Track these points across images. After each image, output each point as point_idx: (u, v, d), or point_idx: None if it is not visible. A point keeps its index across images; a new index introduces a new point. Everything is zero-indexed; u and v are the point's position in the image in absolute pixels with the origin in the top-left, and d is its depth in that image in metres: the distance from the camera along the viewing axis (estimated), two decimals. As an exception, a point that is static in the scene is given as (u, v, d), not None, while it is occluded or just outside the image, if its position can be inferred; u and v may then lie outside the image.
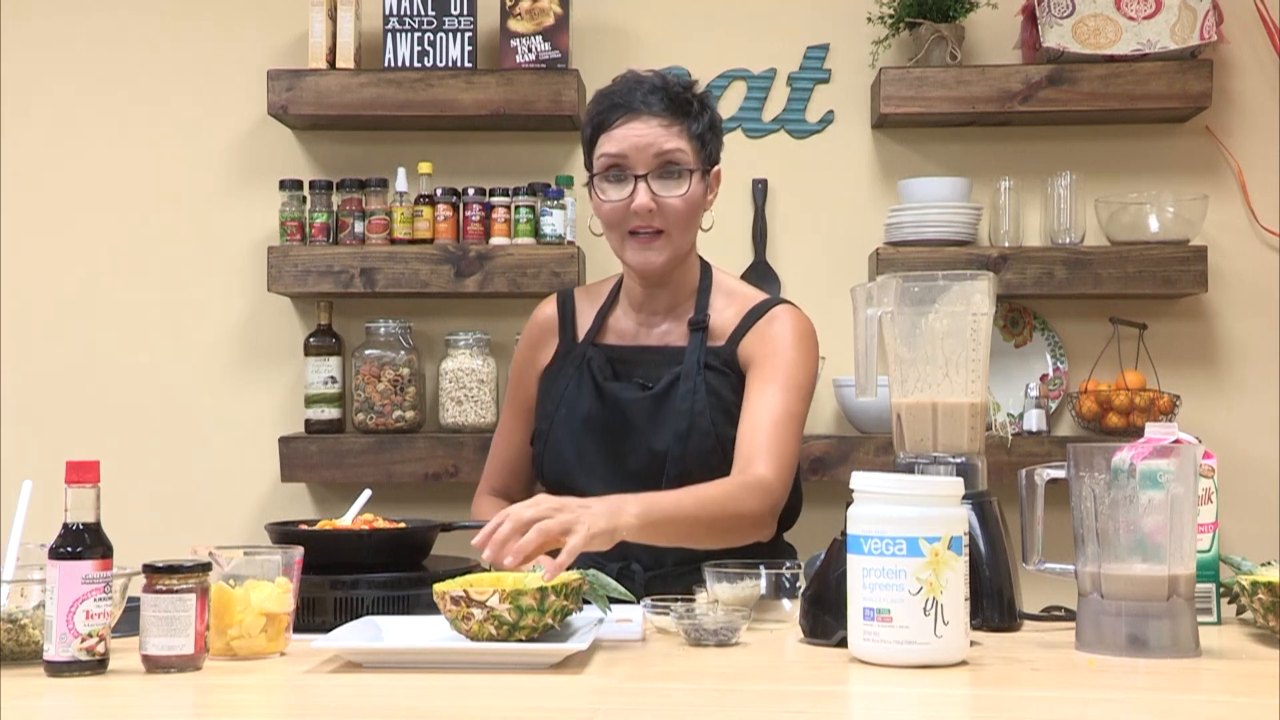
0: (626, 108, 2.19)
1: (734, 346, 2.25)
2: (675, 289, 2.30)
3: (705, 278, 2.32)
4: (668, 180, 2.19)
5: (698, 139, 2.22)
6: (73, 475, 1.61)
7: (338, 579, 1.88)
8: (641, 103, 2.19)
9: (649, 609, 1.86)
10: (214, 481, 3.37)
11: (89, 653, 1.58)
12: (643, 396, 2.24)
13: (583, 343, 2.33)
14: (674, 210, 2.20)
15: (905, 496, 1.62)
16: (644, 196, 2.18)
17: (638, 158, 2.18)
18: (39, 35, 3.41)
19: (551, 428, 2.28)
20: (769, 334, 2.25)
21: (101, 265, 3.40)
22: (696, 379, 2.21)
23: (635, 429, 2.22)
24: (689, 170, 2.20)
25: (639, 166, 2.18)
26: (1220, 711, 1.48)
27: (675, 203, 2.19)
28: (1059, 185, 3.21)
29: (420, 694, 1.52)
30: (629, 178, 2.19)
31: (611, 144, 2.19)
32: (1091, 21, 3.15)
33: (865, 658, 1.63)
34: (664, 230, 2.20)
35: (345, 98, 3.19)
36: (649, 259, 2.22)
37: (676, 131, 2.19)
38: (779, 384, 2.19)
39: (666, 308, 2.31)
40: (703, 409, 2.20)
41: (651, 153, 2.18)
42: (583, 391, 2.27)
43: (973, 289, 1.92)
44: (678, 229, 2.21)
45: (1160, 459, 1.69)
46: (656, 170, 2.19)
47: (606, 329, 2.34)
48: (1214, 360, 3.32)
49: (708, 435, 2.19)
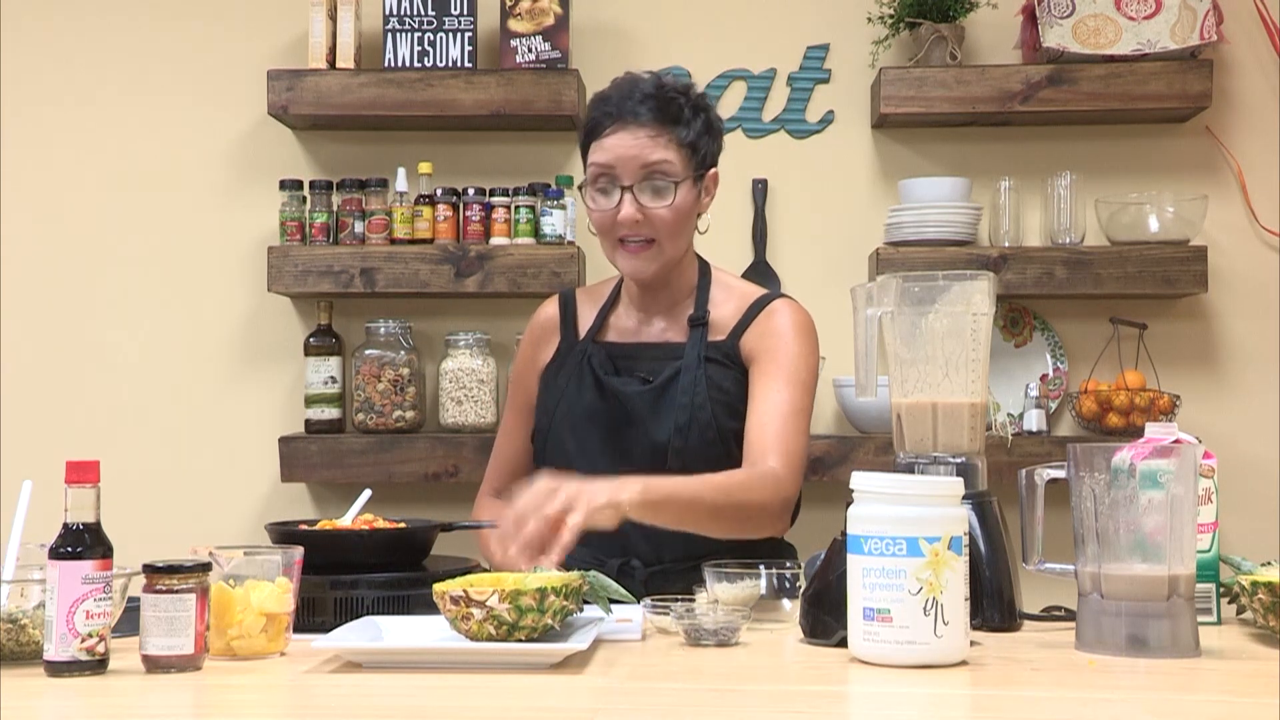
0: (616, 117, 2.20)
1: (735, 340, 2.26)
2: (673, 289, 2.31)
3: (704, 276, 2.33)
4: (654, 192, 2.20)
5: (688, 146, 2.22)
6: (73, 475, 1.61)
7: (338, 579, 1.88)
8: (630, 112, 2.19)
9: (649, 609, 1.86)
10: (214, 481, 3.37)
11: (89, 653, 1.58)
12: (644, 389, 2.24)
13: (584, 340, 2.34)
14: (661, 220, 2.20)
15: (905, 496, 1.62)
16: (629, 208, 2.19)
17: (624, 169, 2.19)
18: (39, 35, 3.41)
19: (552, 423, 2.28)
20: (771, 328, 2.25)
21: (101, 265, 3.40)
22: (697, 372, 2.22)
23: (636, 422, 2.23)
24: (675, 181, 2.20)
25: (625, 177, 2.19)
26: (1220, 711, 1.48)
27: (662, 213, 2.19)
28: (1059, 185, 3.21)
29: (420, 694, 1.52)
30: (616, 188, 2.20)
31: (600, 153, 2.20)
32: (1091, 21, 3.15)
33: (865, 658, 1.63)
34: (654, 239, 2.21)
35: (345, 98, 3.19)
36: (639, 268, 2.23)
37: (664, 141, 2.19)
38: (784, 379, 2.20)
39: (666, 306, 2.32)
40: (703, 402, 2.20)
41: (637, 164, 2.18)
42: (584, 387, 2.28)
43: (973, 289, 1.92)
44: (667, 238, 2.22)
45: (1160, 459, 1.69)
46: (643, 181, 2.19)
47: (608, 327, 2.35)
48: (1214, 360, 3.32)
49: (709, 427, 2.20)
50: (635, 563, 2.21)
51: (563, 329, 2.38)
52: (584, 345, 2.32)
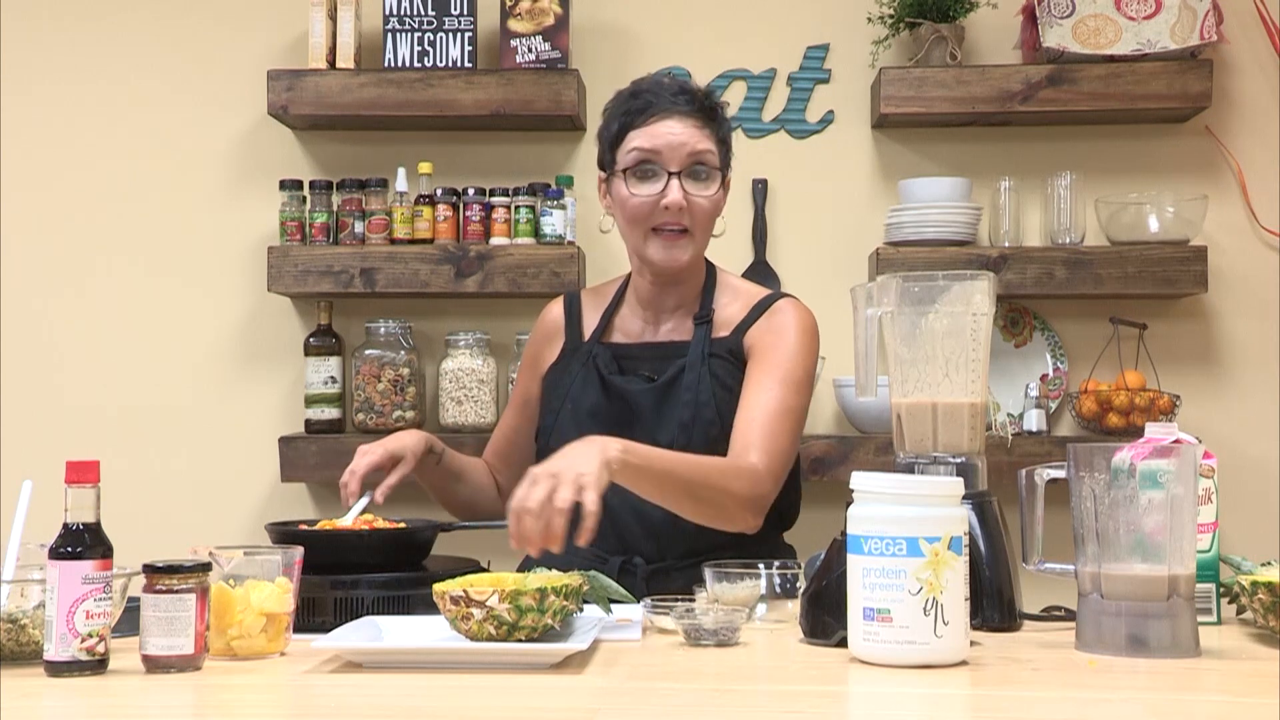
0: (659, 106, 2.22)
1: (740, 336, 2.27)
2: (684, 288, 2.32)
3: (710, 276, 2.35)
4: (698, 180, 2.22)
5: (722, 143, 2.27)
6: (73, 475, 1.61)
7: (338, 579, 1.88)
8: (671, 102, 2.22)
9: (649, 609, 1.86)
10: (214, 481, 3.37)
11: (89, 653, 1.58)
12: (648, 388, 2.25)
13: (589, 341, 2.35)
14: (701, 210, 2.22)
15: (905, 496, 1.62)
16: (676, 193, 2.20)
17: (671, 155, 2.20)
18: (39, 35, 3.41)
19: (557, 422, 2.29)
20: (773, 325, 2.27)
21: (101, 265, 3.40)
22: (701, 369, 2.23)
23: (640, 419, 2.24)
24: (718, 171, 2.24)
25: (672, 164, 2.20)
26: (1220, 711, 1.49)
27: (703, 202, 2.22)
28: (1059, 185, 3.21)
29: (420, 694, 1.52)
30: (661, 174, 2.21)
31: (644, 139, 2.21)
32: (1091, 21, 3.15)
33: (865, 658, 1.63)
34: (689, 229, 2.23)
35: (345, 98, 3.19)
36: (674, 256, 2.24)
37: (708, 134, 2.23)
38: (778, 378, 2.20)
39: (673, 306, 2.33)
40: (708, 399, 2.21)
41: (685, 151, 2.20)
42: (588, 386, 2.29)
43: (973, 289, 1.92)
44: (701, 229, 2.24)
45: (1160, 459, 1.69)
46: (688, 169, 2.21)
47: (613, 328, 2.37)
48: (1214, 360, 3.32)
49: (713, 424, 2.20)
50: (637, 560, 2.21)
51: (567, 330, 2.39)
52: (589, 346, 2.34)
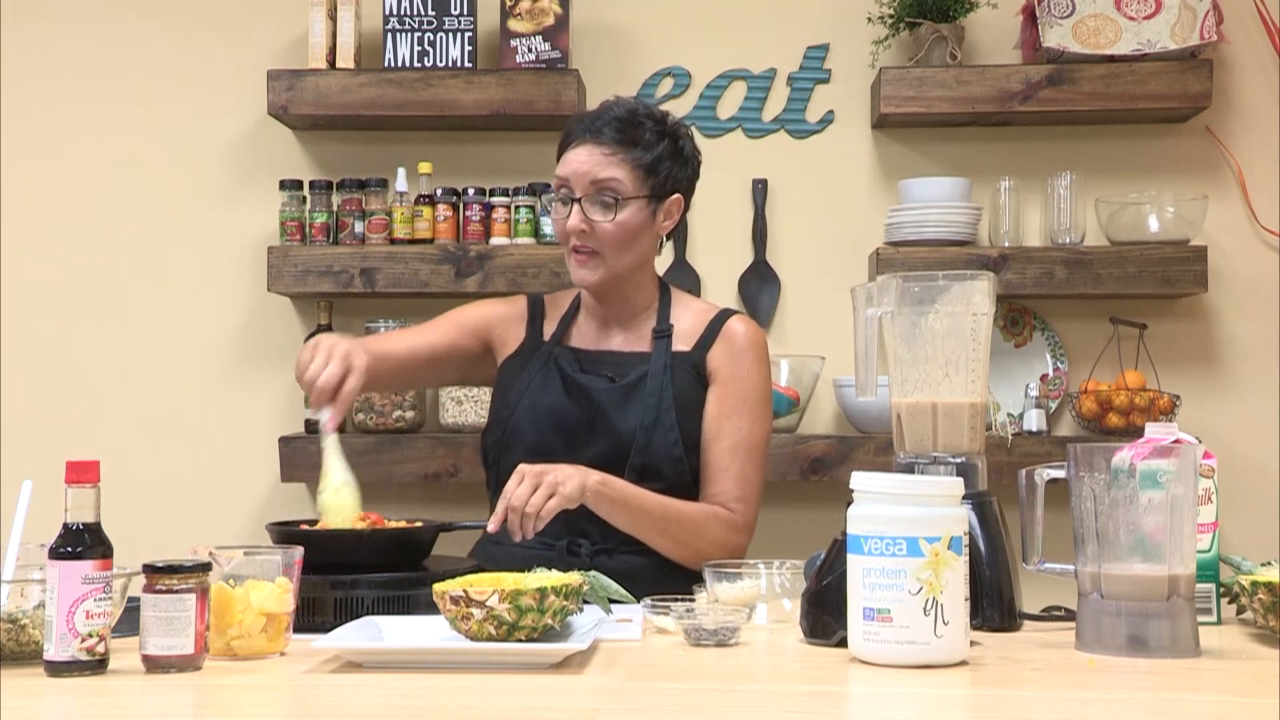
0: (579, 134, 2.32)
1: (702, 354, 2.35)
2: (631, 304, 2.39)
3: (665, 294, 2.43)
4: (601, 206, 2.30)
5: (644, 168, 2.30)
6: (73, 475, 1.61)
7: (338, 579, 1.88)
8: (591, 130, 2.30)
9: (649, 609, 1.86)
10: (214, 481, 3.37)
11: (89, 653, 1.58)
12: (611, 387, 2.33)
13: (549, 342, 2.41)
14: (605, 234, 2.30)
15: (905, 496, 1.62)
16: (575, 219, 2.30)
17: (576, 182, 2.30)
18: (39, 36, 3.41)
19: (513, 417, 2.34)
20: (732, 351, 2.35)
21: (101, 265, 3.40)
22: (664, 378, 2.31)
23: (602, 416, 2.30)
24: (623, 198, 2.29)
25: (577, 190, 2.30)
26: (1220, 711, 1.48)
27: (606, 227, 2.29)
28: (1059, 185, 3.21)
29: (420, 694, 1.52)
30: (570, 200, 2.31)
31: (561, 166, 2.33)
32: (1091, 21, 3.15)
33: (865, 658, 1.63)
34: (598, 251, 2.31)
35: (345, 98, 3.19)
36: (583, 276, 2.34)
37: (618, 160, 2.29)
38: (746, 412, 2.32)
39: (623, 320, 2.40)
40: (669, 407, 2.29)
41: (588, 179, 2.29)
42: (549, 385, 2.35)
43: (973, 289, 1.92)
44: (611, 251, 2.31)
45: (1160, 459, 1.69)
46: (592, 195, 2.29)
47: (570, 334, 2.43)
48: (1214, 360, 3.32)
49: (671, 430, 2.28)
50: (582, 541, 2.26)
51: (529, 326, 2.45)
52: (549, 347, 2.40)
